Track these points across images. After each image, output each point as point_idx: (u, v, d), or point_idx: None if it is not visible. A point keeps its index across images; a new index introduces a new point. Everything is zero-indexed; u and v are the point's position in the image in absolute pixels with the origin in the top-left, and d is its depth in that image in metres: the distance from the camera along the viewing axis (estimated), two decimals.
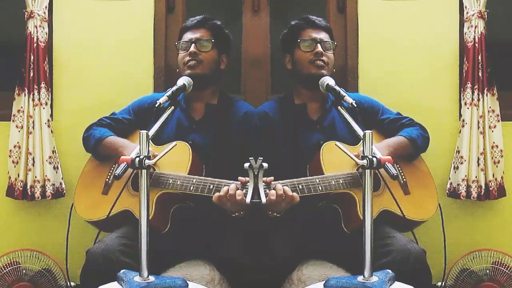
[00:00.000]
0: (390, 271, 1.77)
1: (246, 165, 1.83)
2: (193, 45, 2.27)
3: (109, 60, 2.74)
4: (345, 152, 1.82)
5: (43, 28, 2.63)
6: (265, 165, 1.83)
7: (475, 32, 2.60)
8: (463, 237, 2.72)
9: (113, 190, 2.20)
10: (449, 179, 2.66)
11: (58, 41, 2.73)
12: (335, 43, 2.34)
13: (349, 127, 2.01)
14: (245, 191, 1.95)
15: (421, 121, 2.43)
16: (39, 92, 2.60)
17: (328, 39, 2.31)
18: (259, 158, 1.83)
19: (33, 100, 2.59)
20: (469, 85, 2.60)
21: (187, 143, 2.15)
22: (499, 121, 2.62)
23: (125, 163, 1.71)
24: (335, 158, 2.08)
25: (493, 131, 2.61)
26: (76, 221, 2.26)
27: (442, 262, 2.21)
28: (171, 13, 2.80)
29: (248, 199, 1.84)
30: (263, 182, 1.87)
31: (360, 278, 1.70)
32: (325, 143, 2.15)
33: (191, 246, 2.20)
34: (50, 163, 2.60)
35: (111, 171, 2.26)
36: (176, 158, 2.07)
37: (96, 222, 2.18)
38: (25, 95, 2.60)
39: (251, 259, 2.13)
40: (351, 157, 1.77)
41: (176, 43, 2.35)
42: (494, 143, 2.61)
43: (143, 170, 1.71)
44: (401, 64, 2.74)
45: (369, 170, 1.70)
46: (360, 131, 1.85)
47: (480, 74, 2.60)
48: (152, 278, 1.72)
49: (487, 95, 2.61)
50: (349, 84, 2.73)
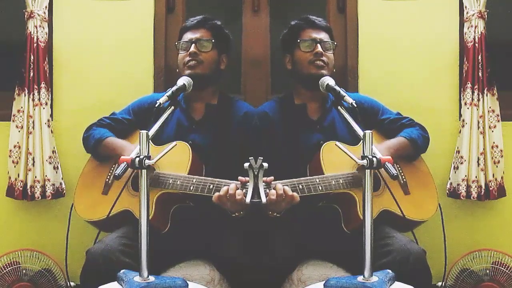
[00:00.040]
0: (390, 271, 1.77)
1: (246, 165, 1.83)
2: (193, 45, 2.27)
3: (109, 60, 2.74)
4: (345, 152, 1.82)
5: (43, 28, 2.63)
6: (265, 165, 1.82)
7: (475, 32, 2.60)
8: (463, 237, 2.72)
9: (113, 190, 2.20)
10: (449, 179, 2.66)
11: (58, 41, 2.73)
12: (335, 43, 2.34)
13: (349, 127, 2.01)
14: (245, 191, 1.95)
15: (421, 121, 2.43)
16: (39, 92, 2.59)
17: (328, 39, 2.31)
18: (259, 158, 1.83)
19: (33, 100, 2.59)
20: (469, 85, 2.60)
21: (187, 143, 2.15)
22: (499, 121, 2.62)
23: (125, 163, 1.71)
24: (335, 158, 2.08)
25: (493, 131, 2.61)
26: (76, 221, 2.26)
27: (442, 262, 2.21)
28: (171, 13, 2.80)
29: (248, 199, 1.84)
30: (263, 182, 1.87)
31: (360, 278, 1.70)
32: (325, 143, 2.15)
33: (191, 246, 2.20)
34: (50, 163, 2.59)
35: (111, 171, 2.26)
36: (176, 158, 2.07)
37: (96, 222, 2.18)
38: (25, 95, 2.60)
39: (251, 259, 2.13)
40: (351, 157, 1.77)
41: (176, 43, 2.35)
42: (494, 143, 2.61)
43: (143, 170, 1.71)
44: (401, 64, 2.74)
45: (369, 170, 1.70)
46: (360, 131, 1.85)
47: (480, 74, 2.60)
48: (152, 278, 1.72)
49: (487, 95, 2.61)
50: (349, 84, 2.73)
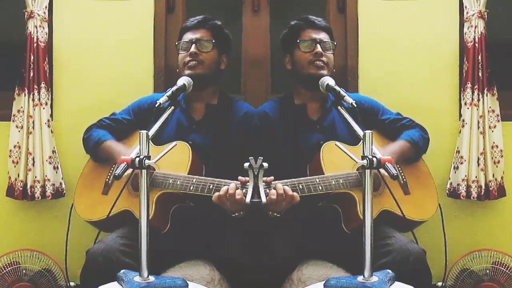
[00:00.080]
0: (390, 271, 1.77)
1: (246, 165, 1.83)
2: (193, 45, 2.27)
3: (109, 60, 2.74)
4: (345, 152, 1.81)
5: (43, 28, 2.63)
6: (265, 165, 1.82)
7: (475, 32, 2.60)
8: (463, 237, 2.72)
9: (113, 190, 2.20)
10: (449, 179, 2.66)
11: (58, 41, 2.73)
12: (335, 43, 2.34)
13: (349, 127, 2.01)
14: (245, 190, 1.95)
15: (421, 121, 2.43)
16: (39, 92, 2.59)
17: (328, 39, 2.31)
18: (259, 158, 1.82)
19: (33, 100, 2.59)
20: (469, 85, 2.60)
21: (187, 143, 2.15)
22: (499, 121, 2.62)
23: (125, 163, 1.71)
24: (335, 158, 2.08)
25: (493, 131, 2.61)
26: (76, 221, 2.26)
27: (442, 262, 2.22)
28: (171, 13, 2.80)
29: (248, 199, 1.84)
30: (263, 181, 1.86)
31: (360, 278, 1.70)
32: (325, 143, 2.15)
33: (191, 246, 2.20)
34: (50, 163, 2.59)
35: (111, 171, 2.26)
36: (176, 158, 2.07)
37: (96, 222, 2.18)
38: (25, 95, 2.60)
39: (251, 259, 2.13)
40: (351, 157, 1.77)
41: (176, 43, 2.35)
42: (494, 143, 2.61)
43: (143, 170, 1.71)
44: (401, 64, 2.74)
45: (369, 170, 1.70)
46: (360, 131, 1.85)
47: (480, 74, 2.60)
48: (152, 278, 1.72)
49: (487, 95, 2.60)
50: (349, 84, 2.73)
